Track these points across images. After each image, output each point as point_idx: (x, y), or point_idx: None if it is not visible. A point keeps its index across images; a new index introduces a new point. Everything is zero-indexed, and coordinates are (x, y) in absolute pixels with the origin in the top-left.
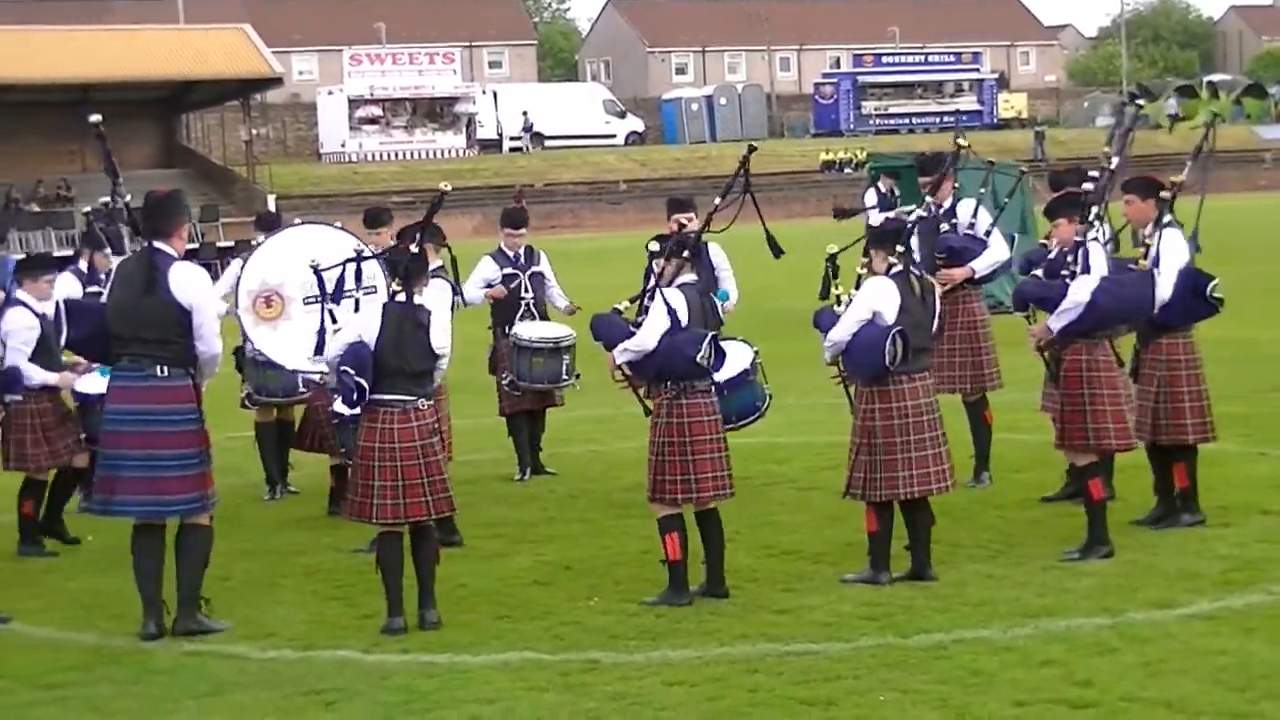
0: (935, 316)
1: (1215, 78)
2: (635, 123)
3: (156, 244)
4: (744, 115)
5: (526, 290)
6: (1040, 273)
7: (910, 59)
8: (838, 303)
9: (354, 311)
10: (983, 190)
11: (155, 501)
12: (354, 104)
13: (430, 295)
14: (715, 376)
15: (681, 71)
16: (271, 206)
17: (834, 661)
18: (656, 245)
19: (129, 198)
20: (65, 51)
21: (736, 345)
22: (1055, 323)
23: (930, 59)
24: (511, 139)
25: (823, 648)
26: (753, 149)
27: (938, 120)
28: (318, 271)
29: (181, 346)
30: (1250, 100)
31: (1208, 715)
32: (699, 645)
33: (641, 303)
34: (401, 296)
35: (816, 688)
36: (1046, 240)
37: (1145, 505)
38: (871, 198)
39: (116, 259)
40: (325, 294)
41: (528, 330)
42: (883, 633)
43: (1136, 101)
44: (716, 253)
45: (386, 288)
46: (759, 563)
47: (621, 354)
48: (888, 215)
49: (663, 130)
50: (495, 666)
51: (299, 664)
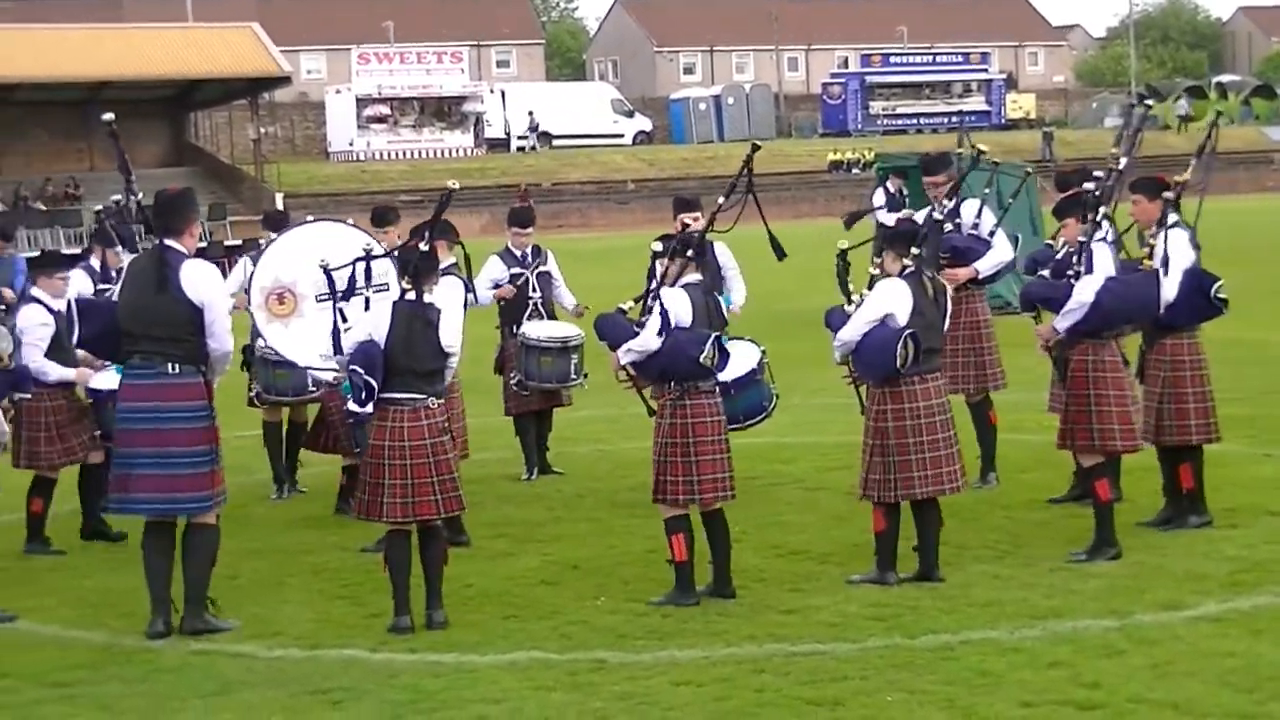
0: (946, 318)
1: (1224, 78)
2: (643, 122)
3: (168, 242)
4: (752, 115)
5: (534, 289)
6: (1047, 273)
7: (918, 59)
8: (849, 302)
9: (364, 310)
10: (987, 190)
11: (169, 499)
12: (362, 103)
13: (442, 293)
14: (722, 376)
15: (689, 71)
16: (279, 205)
17: (841, 662)
18: (660, 245)
19: (141, 195)
20: (73, 50)
21: (743, 345)
22: (1060, 323)
23: (938, 59)
24: (518, 138)
25: (830, 648)
26: (756, 148)
27: (945, 121)
28: (327, 271)
29: (193, 344)
30: (1259, 101)
31: (1215, 717)
32: (706, 645)
33: (645, 303)
34: (411, 295)
35: (823, 688)
36: (1053, 240)
37: (1153, 507)
38: (880, 198)
39: (128, 256)
40: (335, 292)
41: (536, 329)
42: (890, 633)
43: (1145, 102)
44: (723, 253)
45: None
46: (766, 563)
47: (625, 354)
48: (899, 216)
49: (670, 130)
50: (502, 666)
51: (306, 663)
